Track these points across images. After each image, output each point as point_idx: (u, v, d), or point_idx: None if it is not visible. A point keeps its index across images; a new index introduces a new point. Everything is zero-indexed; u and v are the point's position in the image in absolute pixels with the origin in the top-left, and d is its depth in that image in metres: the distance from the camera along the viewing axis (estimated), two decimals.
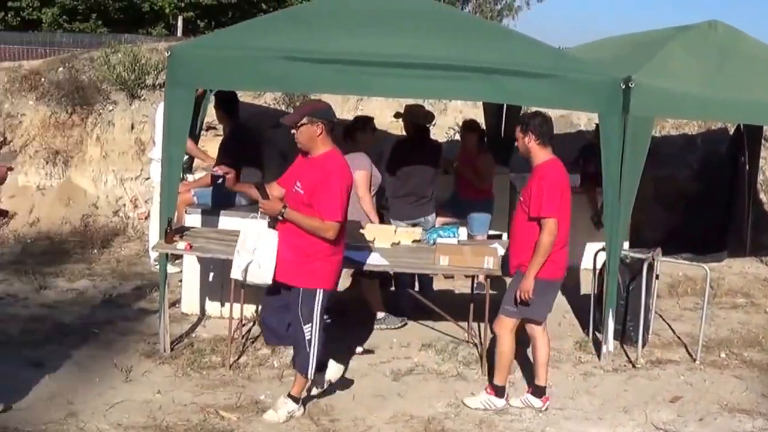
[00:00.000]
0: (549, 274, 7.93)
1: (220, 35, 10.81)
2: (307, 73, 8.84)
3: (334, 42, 8.94)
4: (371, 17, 9.47)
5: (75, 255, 12.85)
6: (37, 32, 30.92)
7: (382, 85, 9.09)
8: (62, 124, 14.98)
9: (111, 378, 8.47)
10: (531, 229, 7.85)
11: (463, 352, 9.64)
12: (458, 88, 9.12)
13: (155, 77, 15.22)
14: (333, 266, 7.61)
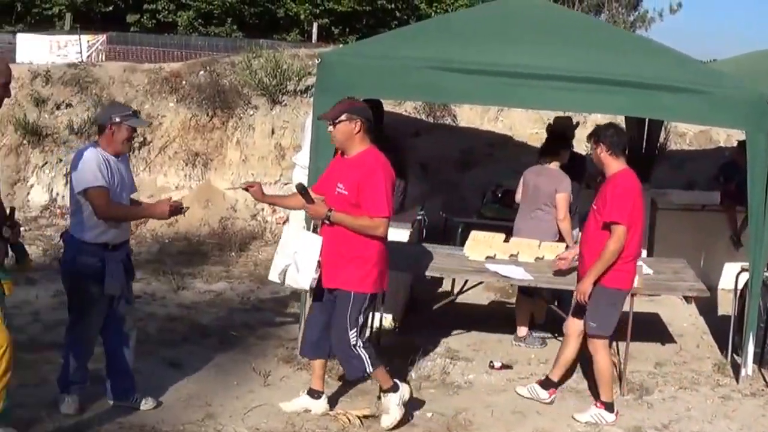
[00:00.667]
0: (620, 283, 7.83)
1: (368, 44, 10.70)
2: (452, 84, 8.71)
3: (479, 53, 8.78)
4: (516, 28, 9.35)
5: (213, 257, 12.89)
6: (173, 35, 31.45)
7: (525, 97, 8.90)
8: (202, 127, 15.10)
9: (249, 381, 8.39)
10: (603, 238, 7.71)
11: None
12: (602, 101, 8.88)
13: (296, 83, 15.23)
14: (382, 269, 7.40)
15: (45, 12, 35.72)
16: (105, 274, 7.07)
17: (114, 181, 7.02)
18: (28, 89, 15.57)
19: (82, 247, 7.07)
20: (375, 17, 37.82)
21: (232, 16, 36.60)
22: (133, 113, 7.15)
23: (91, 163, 6.94)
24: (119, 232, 7.19)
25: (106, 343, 7.43)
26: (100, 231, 7.04)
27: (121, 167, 7.15)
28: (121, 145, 7.06)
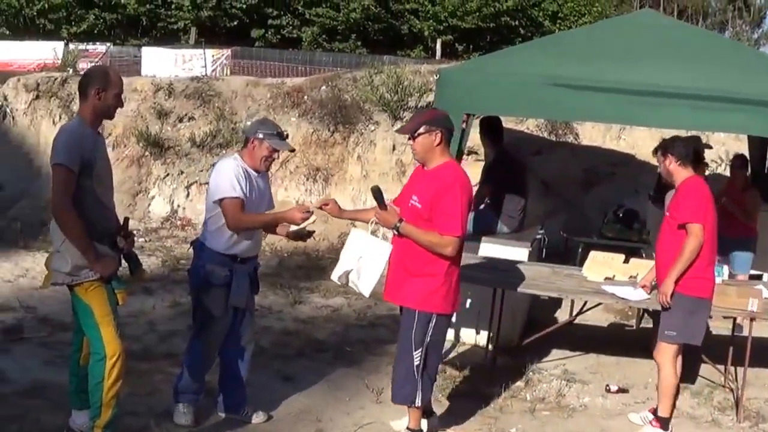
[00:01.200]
0: (698, 291, 7.72)
1: (487, 60, 10.64)
2: (574, 101, 8.58)
3: (601, 70, 8.63)
4: (639, 45, 9.16)
5: (331, 272, 12.80)
6: (297, 51, 31.72)
7: (649, 115, 8.74)
8: (324, 142, 15.16)
9: (361, 398, 8.33)
10: (679, 242, 7.63)
11: (718, 397, 9.04)
12: (726, 119, 8.63)
13: (418, 99, 15.18)
14: (451, 288, 7.05)
15: (170, 26, 36.38)
16: (232, 285, 7.09)
17: (252, 194, 7.01)
18: (150, 102, 15.83)
19: (213, 256, 7.09)
20: (499, 34, 37.69)
21: (356, 33, 36.80)
22: (278, 134, 7.08)
23: (229, 173, 6.95)
24: (251, 245, 7.19)
25: (223, 355, 7.44)
26: (232, 242, 7.06)
27: (260, 182, 7.15)
28: (260, 162, 7.05)
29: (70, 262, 6.15)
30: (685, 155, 7.75)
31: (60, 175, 6.07)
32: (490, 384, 8.88)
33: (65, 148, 6.11)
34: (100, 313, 6.26)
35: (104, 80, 6.34)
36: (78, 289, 6.27)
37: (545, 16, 39.51)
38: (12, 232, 13.91)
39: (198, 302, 7.27)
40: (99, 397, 6.30)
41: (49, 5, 35.16)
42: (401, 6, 37.22)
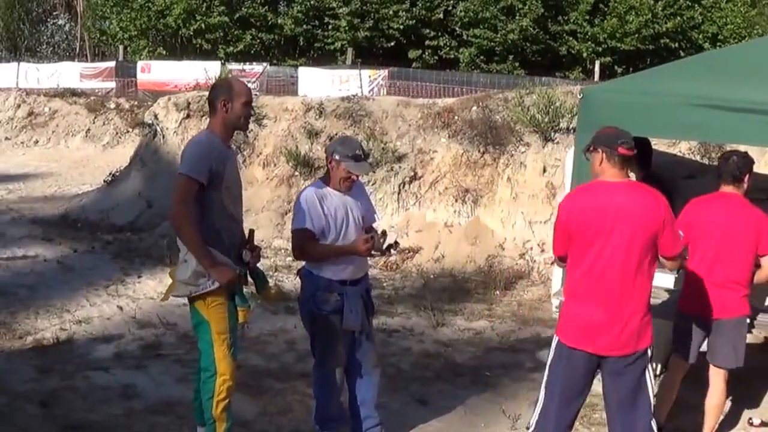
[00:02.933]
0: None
1: (633, 79, 10.32)
2: (725, 123, 8.15)
3: (753, 91, 8.22)
4: None
5: (476, 294, 12.73)
6: (454, 72, 31.69)
7: None
8: (473, 163, 15.01)
9: (497, 424, 8.17)
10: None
11: None
12: None
13: (569, 120, 14.90)
14: (565, 313, 6.46)
15: (327, 46, 36.80)
16: (344, 310, 7.01)
17: (328, 219, 6.94)
18: (301, 121, 15.94)
19: (321, 283, 7.03)
20: (658, 56, 36.99)
21: (513, 54, 36.63)
22: (354, 156, 6.95)
23: (302, 203, 6.96)
24: (357, 267, 7.12)
25: (349, 380, 7.33)
26: (338, 268, 7.00)
27: (347, 200, 7.07)
28: (339, 183, 6.99)
29: (190, 269, 6.19)
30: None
31: (180, 183, 6.16)
32: None
33: (190, 158, 6.20)
34: (217, 330, 6.29)
35: (229, 91, 6.41)
36: (198, 303, 6.31)
37: (705, 39, 38.67)
38: (159, 249, 14.17)
39: (314, 332, 7.21)
40: (212, 414, 6.39)
41: (206, 25, 35.96)
42: (560, 27, 36.93)
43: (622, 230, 6.00)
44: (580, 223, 6.11)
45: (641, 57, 37.20)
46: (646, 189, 6.27)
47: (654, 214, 6.05)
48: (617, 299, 6.07)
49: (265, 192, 15.66)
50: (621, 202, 6.05)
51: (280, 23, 36.28)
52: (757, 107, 8.03)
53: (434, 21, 36.80)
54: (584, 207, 6.16)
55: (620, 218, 6.01)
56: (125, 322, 10.58)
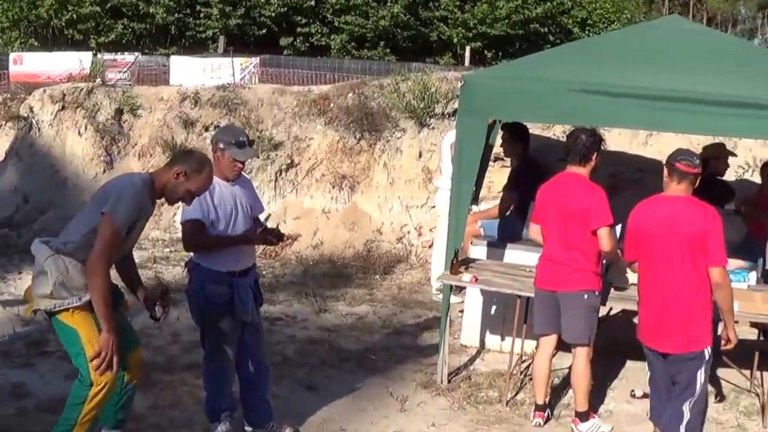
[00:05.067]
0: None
1: (512, 65, 10.54)
2: (600, 107, 8.40)
3: (627, 76, 8.47)
4: (667, 51, 8.96)
5: (356, 280, 12.83)
6: (326, 58, 31.68)
7: (676, 121, 8.49)
8: (350, 150, 15.09)
9: (385, 407, 8.27)
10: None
11: (744, 402, 8.94)
12: (755, 126, 8.38)
13: (444, 106, 15.08)
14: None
15: (198, 35, 36.38)
16: (235, 301, 6.99)
17: (218, 210, 6.92)
18: (176, 111, 15.81)
19: (211, 275, 7.00)
20: (528, 41, 37.48)
21: (384, 40, 36.67)
22: (237, 143, 6.95)
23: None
24: (245, 258, 7.12)
25: (240, 371, 7.33)
26: (227, 259, 6.98)
27: (235, 190, 7.07)
28: (226, 172, 6.98)
29: (51, 282, 5.93)
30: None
31: (107, 230, 5.85)
32: (515, 390, 8.83)
33: (121, 204, 5.89)
34: (87, 338, 5.97)
35: (195, 169, 6.19)
36: (62, 315, 6.03)
37: (575, 23, 39.26)
38: None
39: (205, 325, 7.17)
40: (75, 417, 6.04)
41: (77, 16, 35.29)
42: (430, 13, 37.11)
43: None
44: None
45: (511, 42, 37.62)
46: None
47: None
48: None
49: None
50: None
51: (151, 12, 35.70)
52: (632, 91, 8.29)
53: (306, 8, 36.62)
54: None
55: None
56: (9, 320, 10.35)
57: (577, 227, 7.74)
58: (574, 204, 7.77)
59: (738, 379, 9.22)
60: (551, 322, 7.92)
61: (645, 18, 44.77)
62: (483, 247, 10.13)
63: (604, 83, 8.39)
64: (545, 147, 13.16)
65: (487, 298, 9.91)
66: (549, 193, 7.98)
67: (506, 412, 8.32)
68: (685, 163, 6.71)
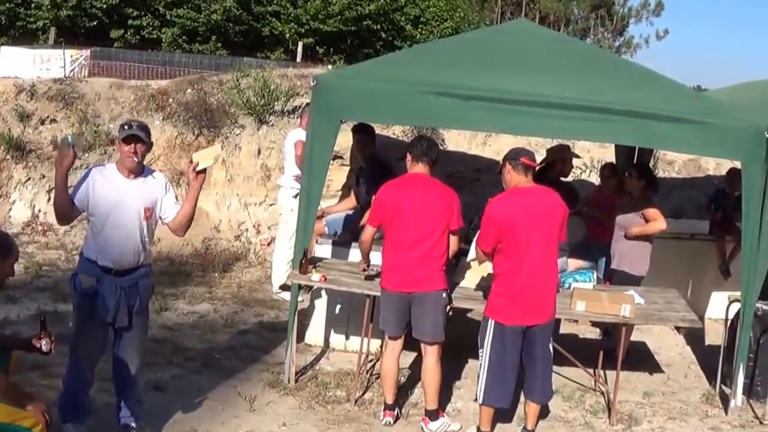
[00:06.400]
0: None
1: (365, 66, 10.60)
2: (441, 108, 8.58)
3: (477, 79, 8.68)
4: (509, 54, 9.25)
5: (196, 277, 12.74)
6: (157, 51, 31.28)
7: (515, 123, 8.77)
8: (188, 146, 14.98)
9: (235, 407, 8.28)
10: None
11: (590, 400, 9.26)
12: (593, 129, 8.72)
13: (284, 103, 15.11)
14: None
15: (29, 25, 35.41)
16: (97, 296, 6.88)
17: (108, 195, 6.80)
18: (12, 104, 15.39)
19: (84, 263, 6.95)
20: (360, 38, 37.68)
21: (216, 34, 36.35)
22: (123, 126, 6.90)
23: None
24: (117, 254, 6.89)
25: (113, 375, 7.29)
26: (96, 248, 6.88)
27: (134, 185, 6.91)
28: (124, 160, 6.88)
29: None
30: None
31: None
32: (363, 389, 8.97)
33: None
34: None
35: (4, 251, 5.92)
36: None
37: (407, 21, 39.60)
38: None
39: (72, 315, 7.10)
40: None
41: None
42: (263, 8, 36.93)
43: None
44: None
45: (343, 38, 37.74)
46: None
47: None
48: None
49: None
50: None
51: None
52: (468, 93, 8.50)
53: (137, 0, 36.11)
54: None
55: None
56: None
57: (436, 228, 7.92)
58: (434, 205, 7.94)
59: (581, 377, 9.56)
60: (402, 323, 8.05)
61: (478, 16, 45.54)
62: (328, 246, 10.21)
63: (454, 85, 8.57)
64: (385, 146, 13.36)
65: (332, 297, 10.00)
66: (403, 194, 8.04)
67: (355, 411, 8.43)
68: (529, 158, 7.65)
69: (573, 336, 11.14)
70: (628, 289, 9.39)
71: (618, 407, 8.85)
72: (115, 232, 6.86)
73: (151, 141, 7.03)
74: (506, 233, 7.43)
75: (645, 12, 55.58)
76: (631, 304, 8.60)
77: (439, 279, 7.94)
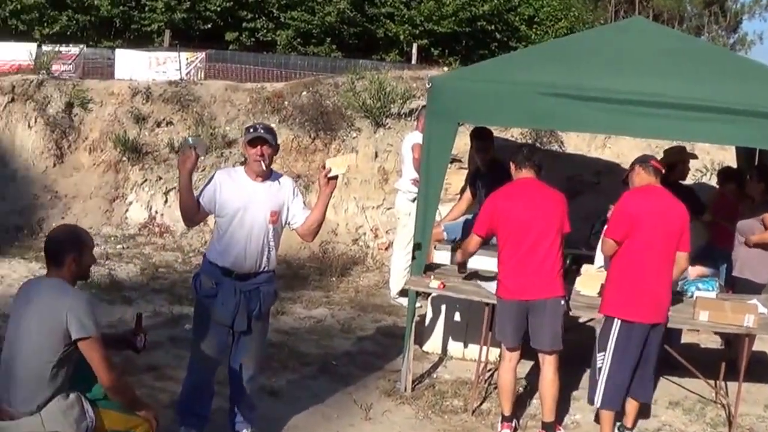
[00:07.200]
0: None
1: (481, 67, 10.38)
2: (560, 110, 8.36)
3: (587, 79, 8.42)
4: (627, 54, 8.92)
5: (313, 281, 12.70)
6: (272, 54, 31.46)
7: (635, 125, 8.45)
8: (304, 149, 14.98)
9: (350, 415, 8.16)
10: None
11: (711, 413, 8.91)
12: (714, 130, 8.35)
13: (400, 106, 14.97)
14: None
15: (144, 28, 35.99)
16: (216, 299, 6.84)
17: (237, 199, 6.77)
18: (128, 106, 15.57)
19: (206, 265, 6.95)
20: (474, 39, 37.51)
21: (331, 36, 36.52)
22: (248, 129, 6.88)
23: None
24: (239, 258, 6.82)
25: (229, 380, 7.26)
26: (222, 253, 6.85)
27: (262, 189, 6.83)
28: (252, 165, 6.83)
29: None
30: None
31: (98, 348, 5.42)
32: (480, 399, 8.75)
33: (93, 317, 5.44)
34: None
35: (79, 246, 5.67)
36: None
37: (521, 21, 39.32)
38: None
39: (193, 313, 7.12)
40: None
41: (21, 6, 34.74)
42: (377, 10, 36.99)
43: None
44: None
45: (458, 39, 37.59)
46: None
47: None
48: None
49: (92, 178, 15.21)
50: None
51: (96, 4, 35.18)
52: (588, 94, 8.24)
53: (251, 3, 36.34)
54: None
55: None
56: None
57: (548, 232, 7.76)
58: (544, 209, 7.80)
59: (702, 389, 9.24)
60: (519, 332, 7.86)
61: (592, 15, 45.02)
62: (447, 252, 10.04)
63: (573, 86, 8.33)
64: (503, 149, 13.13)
65: (451, 304, 9.82)
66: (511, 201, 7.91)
67: (472, 422, 8.25)
68: (658, 162, 7.85)
69: (695, 345, 10.80)
70: (752, 298, 9.03)
71: (739, 421, 8.50)
72: (238, 235, 6.81)
73: (278, 144, 6.96)
74: (636, 227, 7.41)
75: (758, 8, 54.52)
76: (754, 314, 8.24)
77: (556, 285, 7.74)
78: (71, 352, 5.39)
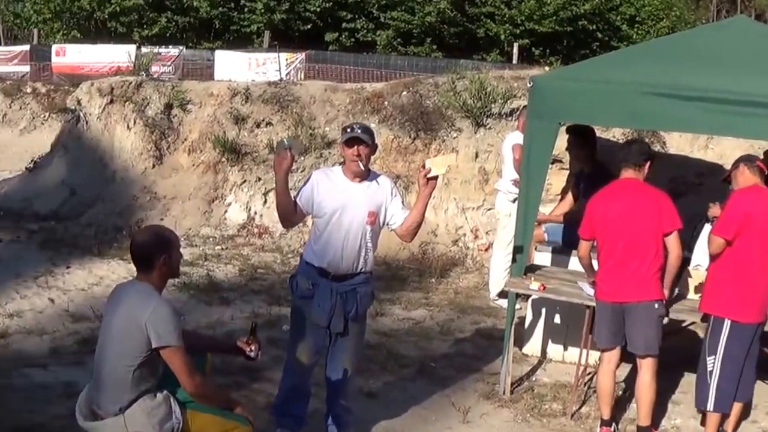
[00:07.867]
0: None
1: (582, 67, 10.24)
2: (663, 110, 8.18)
3: (690, 78, 8.20)
4: (730, 54, 8.66)
5: (412, 283, 12.65)
6: (372, 54, 31.53)
7: (738, 125, 8.17)
8: (404, 149, 14.91)
9: (447, 417, 8.11)
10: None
11: None
12: None
13: (501, 106, 14.84)
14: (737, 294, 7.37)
15: (243, 29, 36.39)
16: (313, 300, 6.84)
17: (334, 200, 6.74)
18: (227, 107, 15.71)
19: (303, 265, 6.95)
20: (575, 38, 37.28)
21: (431, 36, 36.52)
22: (345, 129, 6.85)
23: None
24: (335, 258, 6.79)
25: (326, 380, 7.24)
26: (316, 251, 6.86)
27: (360, 190, 6.81)
28: (349, 165, 6.80)
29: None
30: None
31: (180, 357, 5.49)
32: (580, 403, 8.63)
33: (173, 327, 5.49)
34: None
35: (167, 246, 5.72)
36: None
37: (623, 20, 38.98)
38: (85, 238, 13.87)
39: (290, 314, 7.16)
40: None
41: (120, 8, 35.35)
42: (477, 9, 36.92)
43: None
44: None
45: (559, 39, 37.35)
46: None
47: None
48: None
49: (192, 179, 15.36)
50: None
51: (195, 6, 35.74)
52: (691, 94, 8.04)
53: (351, 3, 36.58)
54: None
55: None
56: (59, 316, 10.26)
57: (645, 233, 7.63)
58: (642, 209, 7.68)
59: None
60: (616, 335, 7.77)
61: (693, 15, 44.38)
62: (548, 254, 9.93)
63: (675, 85, 8.15)
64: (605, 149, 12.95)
65: (551, 306, 9.71)
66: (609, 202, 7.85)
67: (571, 426, 8.15)
68: (762, 162, 7.83)
69: None
70: None
71: None
72: (335, 235, 6.78)
73: (376, 143, 6.91)
74: (748, 226, 7.33)
75: None
76: None
77: (651, 288, 7.60)
78: (154, 357, 5.46)
